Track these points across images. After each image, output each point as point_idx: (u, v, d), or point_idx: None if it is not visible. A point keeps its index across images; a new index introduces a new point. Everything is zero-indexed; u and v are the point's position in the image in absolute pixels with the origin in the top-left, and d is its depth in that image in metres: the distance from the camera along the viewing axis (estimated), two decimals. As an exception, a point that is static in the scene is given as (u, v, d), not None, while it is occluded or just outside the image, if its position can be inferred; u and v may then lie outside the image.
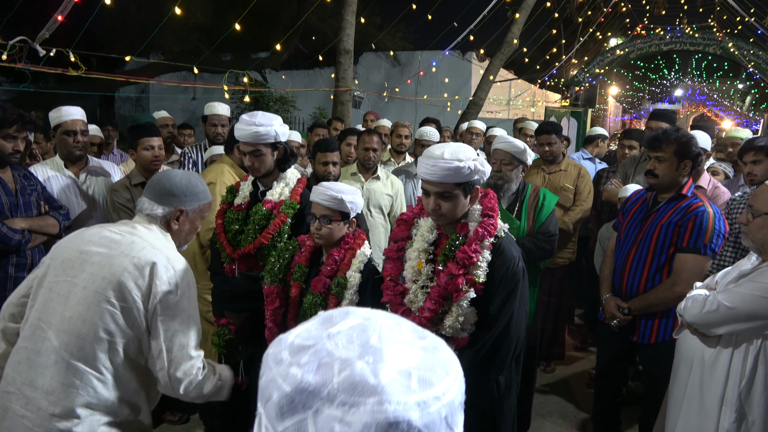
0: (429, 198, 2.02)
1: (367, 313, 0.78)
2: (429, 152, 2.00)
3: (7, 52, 3.84)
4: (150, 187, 1.99)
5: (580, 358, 4.77)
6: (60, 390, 1.71)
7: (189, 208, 1.99)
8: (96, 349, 1.74)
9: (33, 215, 2.98)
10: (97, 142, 4.16)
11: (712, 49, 14.20)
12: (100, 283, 1.77)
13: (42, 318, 1.80)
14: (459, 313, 1.98)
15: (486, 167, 2.03)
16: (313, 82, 17.60)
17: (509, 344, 2.01)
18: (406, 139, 4.71)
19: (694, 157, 2.81)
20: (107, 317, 1.75)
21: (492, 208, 2.07)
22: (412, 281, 2.10)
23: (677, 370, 2.49)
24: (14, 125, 2.78)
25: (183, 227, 2.01)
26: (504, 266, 1.99)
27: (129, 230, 1.89)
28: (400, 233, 2.23)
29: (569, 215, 4.18)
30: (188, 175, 2.03)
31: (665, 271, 2.84)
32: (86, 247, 1.85)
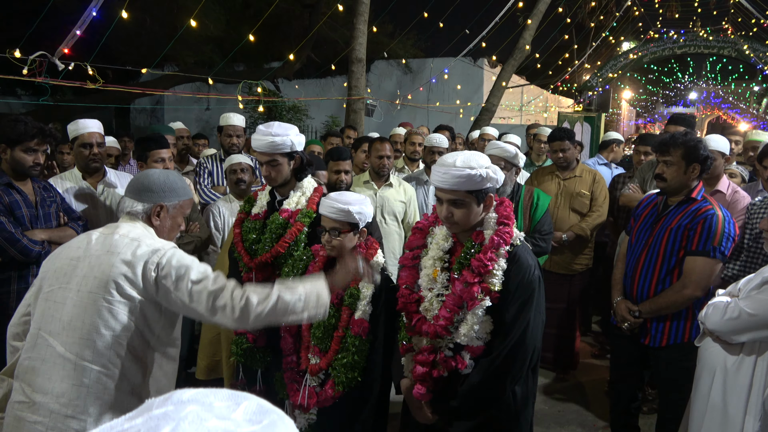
0: (442, 205, 2.03)
1: (185, 401, 0.66)
2: (442, 160, 2.03)
3: (28, 67, 3.91)
4: (129, 186, 2.05)
5: (598, 366, 4.71)
6: (71, 391, 1.75)
7: (168, 203, 2.03)
8: (100, 346, 1.78)
9: (52, 226, 3.03)
10: (115, 154, 4.21)
11: (726, 52, 14.05)
12: (92, 282, 1.82)
13: (42, 327, 1.84)
14: (474, 322, 1.97)
15: (499, 175, 2.03)
16: (326, 90, 17.70)
17: (525, 354, 2.00)
18: (420, 146, 4.71)
19: (702, 161, 2.82)
20: (106, 314, 1.79)
21: (508, 216, 2.07)
22: (427, 289, 2.11)
23: (699, 378, 2.46)
24: (35, 139, 2.83)
25: (165, 223, 2.04)
26: (520, 274, 1.99)
27: (112, 231, 1.94)
28: (415, 241, 2.24)
29: (586, 221, 4.15)
30: (166, 173, 2.08)
31: (675, 275, 2.85)
32: (75, 253, 1.90)
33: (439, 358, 2.03)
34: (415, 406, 2.08)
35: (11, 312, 2.82)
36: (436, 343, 2.04)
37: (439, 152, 4.32)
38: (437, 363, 2.03)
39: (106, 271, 1.81)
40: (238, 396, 0.69)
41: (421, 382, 2.04)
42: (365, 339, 2.26)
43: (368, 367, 2.29)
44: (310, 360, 2.36)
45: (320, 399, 2.30)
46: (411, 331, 2.09)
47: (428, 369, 2.03)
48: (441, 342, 2.04)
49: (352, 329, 2.27)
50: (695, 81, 27.25)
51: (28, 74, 3.97)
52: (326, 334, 2.31)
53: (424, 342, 2.06)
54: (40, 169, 2.96)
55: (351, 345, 2.25)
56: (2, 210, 2.79)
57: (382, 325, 2.30)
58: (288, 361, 2.43)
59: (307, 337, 2.38)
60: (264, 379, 2.74)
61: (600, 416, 3.89)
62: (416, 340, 2.09)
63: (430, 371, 2.03)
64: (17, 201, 2.88)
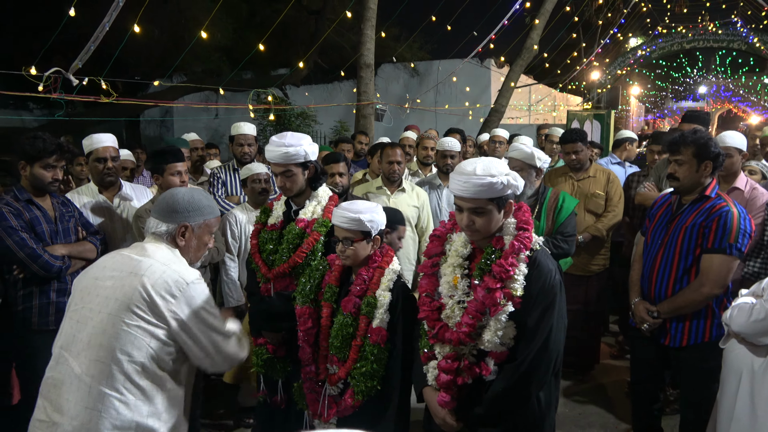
0: (462, 214, 2.02)
1: None
2: (461, 168, 2.01)
3: (43, 83, 3.96)
4: (155, 206, 2.06)
5: (617, 367, 4.67)
6: (84, 414, 1.75)
7: (193, 223, 2.02)
8: (116, 371, 1.78)
9: (72, 241, 3.06)
10: (130, 167, 4.25)
11: (736, 45, 13.93)
12: (113, 305, 1.82)
13: (63, 346, 1.86)
14: (497, 328, 1.96)
15: (519, 181, 2.02)
16: (333, 96, 17.74)
17: (549, 358, 1.99)
18: (432, 150, 4.71)
19: (714, 158, 2.81)
20: (123, 338, 1.80)
21: (527, 221, 2.06)
22: (448, 296, 2.10)
23: (725, 380, 2.43)
24: (53, 155, 2.86)
25: (190, 243, 2.03)
26: (541, 279, 1.98)
27: (139, 251, 1.95)
28: (434, 249, 2.23)
29: (602, 222, 4.13)
30: (192, 191, 2.08)
31: (692, 273, 2.83)
32: (100, 273, 1.92)
33: (463, 365, 2.02)
34: (438, 414, 2.07)
35: (34, 327, 2.89)
36: (459, 350, 2.03)
37: (451, 156, 4.31)
38: (461, 370, 2.03)
39: (128, 294, 1.82)
40: None
41: (446, 390, 2.04)
42: (384, 347, 2.26)
43: (387, 375, 2.29)
44: (329, 370, 2.36)
45: (340, 408, 2.30)
46: (434, 339, 2.08)
47: (452, 376, 2.02)
48: (464, 349, 2.03)
49: (370, 338, 2.26)
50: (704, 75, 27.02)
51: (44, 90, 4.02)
52: (344, 344, 2.31)
53: (447, 349, 2.05)
54: (58, 185, 2.99)
55: (369, 354, 2.25)
56: (24, 226, 2.82)
57: (400, 333, 2.29)
58: (307, 371, 2.43)
59: (326, 346, 2.38)
60: (284, 389, 2.74)
61: (621, 418, 3.86)
62: (439, 348, 2.08)
63: (454, 379, 2.02)
64: (37, 217, 2.91)
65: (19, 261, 2.79)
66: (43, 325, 2.92)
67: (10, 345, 3.01)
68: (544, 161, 3.41)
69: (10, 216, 2.79)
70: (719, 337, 2.54)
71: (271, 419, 2.78)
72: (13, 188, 2.95)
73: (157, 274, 1.86)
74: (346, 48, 15.50)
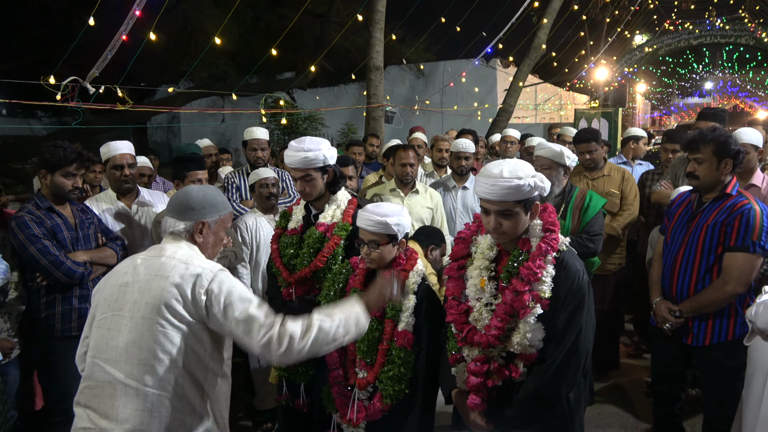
0: (489, 216, 2.00)
1: None
2: (487, 171, 1.99)
3: (61, 92, 4.00)
4: (170, 205, 2.05)
5: (634, 366, 4.65)
6: (134, 416, 1.77)
7: (210, 219, 2.02)
8: (160, 371, 1.80)
9: (92, 247, 3.08)
10: (148, 173, 4.27)
11: (744, 40, 13.86)
12: (145, 308, 1.83)
13: (96, 355, 1.86)
14: (527, 330, 1.96)
15: (546, 183, 2.01)
16: (339, 98, 17.79)
17: (579, 359, 1.99)
18: (447, 152, 4.71)
19: (734, 155, 2.78)
20: (161, 338, 1.81)
21: (553, 223, 2.05)
22: (475, 299, 2.09)
23: (751, 378, 2.41)
24: (74, 163, 2.89)
25: (207, 239, 2.03)
26: (569, 280, 1.97)
27: (158, 253, 1.94)
28: (460, 251, 2.22)
29: (617, 220, 4.11)
30: (204, 188, 2.08)
31: (715, 272, 2.80)
32: (123, 279, 1.91)
33: (493, 368, 2.02)
34: (468, 416, 2.07)
35: (57, 333, 2.92)
36: (488, 352, 2.03)
37: (465, 157, 4.31)
38: (491, 373, 2.02)
39: (157, 296, 1.83)
40: None
41: (476, 393, 2.04)
42: (410, 350, 2.26)
43: (414, 378, 2.29)
44: (357, 374, 2.36)
45: (369, 413, 2.30)
46: (462, 342, 2.08)
47: (482, 379, 2.02)
48: (493, 351, 2.03)
49: (396, 341, 2.27)
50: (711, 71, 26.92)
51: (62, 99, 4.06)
52: (371, 348, 2.31)
53: (476, 352, 2.04)
54: (78, 193, 3.02)
55: (396, 357, 2.25)
56: (46, 234, 2.85)
57: (425, 336, 2.29)
58: (335, 376, 2.43)
59: (353, 350, 2.38)
60: (306, 392, 2.75)
61: (641, 418, 3.84)
62: (468, 351, 2.08)
63: (484, 381, 2.02)
64: (59, 224, 2.94)
65: (42, 268, 2.82)
66: (66, 331, 2.95)
67: (33, 352, 3.03)
68: (573, 160, 3.39)
69: (32, 224, 2.82)
70: (743, 335, 2.52)
71: (293, 423, 2.79)
72: (34, 197, 2.98)
73: (182, 271, 1.86)
74: (352, 51, 15.54)
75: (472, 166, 4.41)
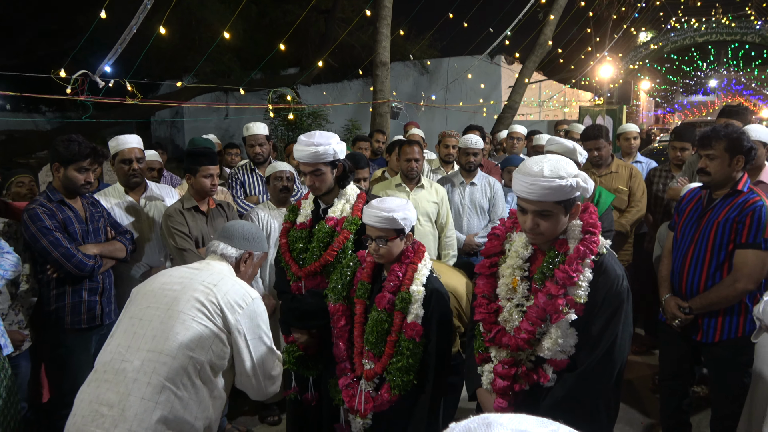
0: (526, 216, 1.90)
1: (513, 423, 0.69)
2: (526, 168, 1.87)
3: (71, 86, 4.00)
4: (224, 231, 2.26)
5: (640, 363, 4.66)
6: (138, 405, 1.78)
7: (256, 252, 2.26)
8: (177, 366, 1.84)
9: (102, 241, 3.10)
10: (157, 167, 4.27)
11: (750, 38, 13.81)
12: (183, 303, 1.91)
13: (122, 343, 1.90)
14: (559, 335, 1.87)
15: (590, 183, 1.90)
16: (343, 94, 17.77)
17: (612, 368, 1.89)
18: (454, 149, 4.71)
19: (746, 152, 2.77)
20: (190, 335, 1.87)
21: (594, 224, 1.93)
22: (506, 299, 2.01)
23: (760, 374, 2.42)
24: (88, 158, 2.90)
25: (248, 270, 2.24)
26: (607, 285, 1.87)
27: (206, 265, 2.12)
28: (493, 248, 2.13)
29: (625, 217, 4.12)
30: (254, 226, 2.33)
31: (725, 269, 2.79)
32: (167, 279, 2.03)
33: (521, 372, 1.95)
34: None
35: (67, 326, 2.93)
36: (517, 355, 1.96)
37: (473, 153, 4.31)
38: (518, 377, 1.95)
39: (198, 296, 1.94)
40: (545, 422, 0.70)
41: (502, 396, 1.97)
42: (419, 342, 2.27)
43: (421, 369, 2.29)
44: (364, 365, 2.36)
45: (376, 404, 2.31)
46: (490, 343, 2.01)
47: (509, 382, 1.95)
48: (522, 354, 1.96)
49: (405, 333, 2.27)
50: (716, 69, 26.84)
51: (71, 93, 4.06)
52: (380, 339, 2.32)
53: (504, 354, 1.98)
54: (89, 187, 3.03)
55: (405, 348, 2.25)
56: (57, 226, 2.86)
57: (434, 327, 2.30)
58: (342, 368, 2.44)
59: (360, 342, 2.39)
60: (315, 386, 2.76)
61: (646, 413, 3.85)
62: (495, 352, 2.01)
63: (511, 385, 1.95)
64: (70, 217, 2.95)
65: (53, 260, 2.83)
66: (76, 323, 2.97)
67: (44, 344, 3.05)
68: (584, 156, 3.37)
69: (44, 216, 2.83)
70: (752, 332, 2.52)
71: (303, 416, 2.80)
72: (46, 190, 2.99)
73: (228, 285, 2.02)
74: (356, 47, 15.52)
75: (480, 162, 4.41)
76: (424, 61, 15.95)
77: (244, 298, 2.01)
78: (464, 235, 4.31)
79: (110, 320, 3.13)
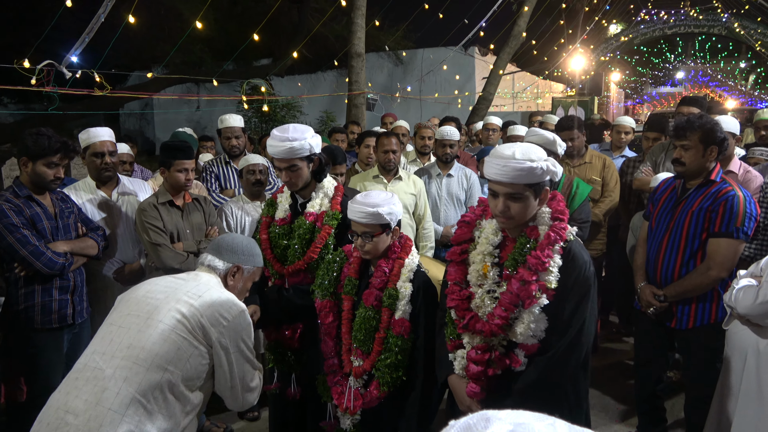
0: (497, 199, 1.94)
1: (511, 417, 0.69)
2: (498, 152, 1.92)
3: (36, 77, 3.86)
4: (214, 243, 2.22)
5: (613, 350, 4.75)
6: (103, 415, 1.70)
7: (245, 266, 2.20)
8: (150, 378, 1.76)
9: (72, 238, 3.00)
10: (128, 161, 4.17)
11: (716, 30, 14.13)
12: (164, 315, 1.85)
13: (97, 350, 1.84)
14: (531, 320, 1.92)
15: (558, 168, 1.97)
16: (317, 86, 17.62)
17: (580, 351, 1.95)
18: (430, 140, 4.71)
19: (719, 143, 2.83)
20: (167, 347, 1.81)
21: (562, 211, 1.99)
22: (477, 285, 2.05)
23: (729, 360, 2.48)
24: (58, 153, 2.79)
25: (237, 285, 2.18)
26: (576, 271, 1.93)
27: (194, 276, 2.08)
28: (463, 235, 2.15)
29: (599, 207, 4.17)
30: (250, 240, 2.28)
31: (699, 257, 2.86)
32: (151, 288, 1.98)
33: (494, 357, 1.99)
34: (464, 402, 2.06)
35: (37, 326, 2.84)
36: (490, 341, 2.00)
37: (450, 145, 4.31)
38: (491, 361, 2.00)
39: (180, 307, 1.88)
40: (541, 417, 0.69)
41: (475, 381, 2.01)
42: (407, 338, 2.26)
43: (410, 365, 2.28)
44: (353, 362, 2.34)
45: (365, 400, 2.29)
46: (463, 329, 2.04)
47: (483, 368, 1.99)
48: (494, 340, 2.00)
49: (393, 329, 2.25)
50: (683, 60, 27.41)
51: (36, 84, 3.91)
52: (368, 336, 2.30)
53: (477, 340, 2.01)
54: (59, 183, 2.93)
55: (393, 345, 2.24)
56: (25, 223, 2.76)
57: (422, 323, 2.29)
58: (330, 364, 2.42)
59: (348, 339, 2.36)
60: (297, 381, 2.73)
61: (620, 400, 3.92)
62: (468, 338, 2.05)
63: (485, 370, 1.99)
64: (38, 214, 2.85)
65: (21, 258, 2.74)
66: (46, 323, 2.88)
67: (14, 344, 2.95)
68: (563, 147, 3.39)
69: (10, 213, 2.73)
70: (724, 318, 2.59)
71: (285, 411, 2.78)
72: (12, 185, 2.88)
73: (214, 296, 1.97)
74: (330, 38, 15.37)
75: (456, 153, 4.42)
76: (399, 52, 15.90)
77: (230, 310, 1.95)
78: (441, 226, 4.32)
79: (82, 319, 3.06)
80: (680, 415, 3.52)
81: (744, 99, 26.07)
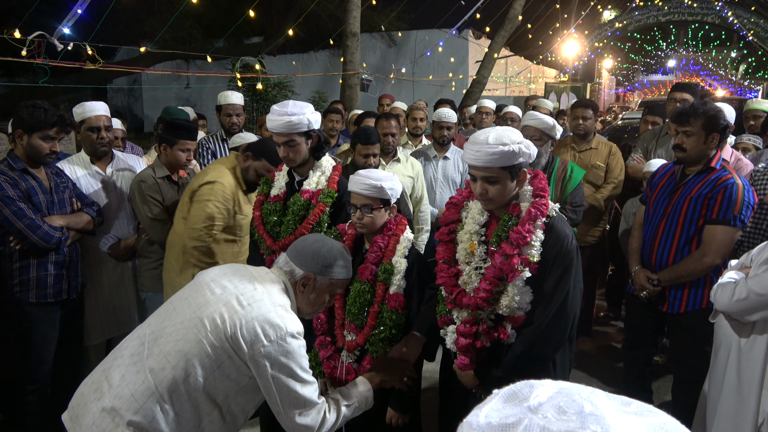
0: (476, 183, 2.04)
1: (555, 384, 0.70)
2: (474, 138, 2.01)
3: (26, 48, 3.77)
4: (296, 243, 2.00)
5: (602, 333, 4.83)
6: (126, 397, 1.66)
7: (320, 277, 1.93)
8: (169, 378, 1.68)
9: (67, 212, 2.98)
10: (121, 136, 4.12)
11: (710, 18, 14.15)
12: (207, 315, 1.72)
13: (152, 324, 1.81)
14: (515, 293, 2.00)
15: (532, 149, 2.03)
16: (309, 65, 17.45)
17: (566, 322, 2.04)
18: (422, 121, 4.69)
19: (721, 130, 2.83)
20: (197, 348, 1.69)
21: (543, 189, 2.07)
22: (465, 263, 2.12)
23: (717, 353, 2.48)
24: (54, 127, 2.75)
25: (308, 294, 1.94)
26: (557, 244, 2.01)
27: (261, 275, 1.88)
28: (451, 216, 2.24)
29: (601, 192, 4.18)
30: (341, 249, 2.01)
31: (694, 243, 2.87)
32: (218, 279, 1.84)
33: (482, 329, 2.07)
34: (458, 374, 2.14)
35: (32, 300, 2.83)
36: (477, 314, 2.08)
37: (447, 127, 4.30)
38: (480, 334, 2.08)
39: (223, 312, 1.73)
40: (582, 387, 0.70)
41: (464, 353, 2.09)
42: (401, 313, 2.29)
43: None
44: (346, 337, 2.37)
45: (359, 375, 2.32)
46: (452, 304, 2.12)
47: (471, 340, 2.07)
48: (482, 314, 2.08)
49: (388, 304, 2.28)
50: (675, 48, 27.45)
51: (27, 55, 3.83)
52: (362, 310, 2.32)
53: (465, 314, 2.09)
54: (54, 157, 2.89)
55: (388, 319, 2.27)
56: (21, 196, 2.73)
57: (416, 298, 2.33)
58: (322, 340, 2.45)
59: (341, 314, 2.39)
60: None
61: (606, 381, 3.99)
62: (457, 313, 2.13)
63: (473, 342, 2.07)
64: (33, 187, 2.82)
65: (17, 232, 2.71)
66: (42, 297, 2.86)
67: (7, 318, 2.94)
68: (560, 131, 3.42)
69: (6, 185, 2.69)
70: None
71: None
72: (6, 157, 2.84)
73: (263, 309, 1.74)
74: (323, 16, 15.19)
75: (453, 136, 4.42)
76: (392, 33, 15.76)
77: (276, 330, 1.71)
78: (437, 208, 4.34)
79: (77, 294, 3.04)
80: (666, 397, 3.60)
81: (733, 89, 26.25)
